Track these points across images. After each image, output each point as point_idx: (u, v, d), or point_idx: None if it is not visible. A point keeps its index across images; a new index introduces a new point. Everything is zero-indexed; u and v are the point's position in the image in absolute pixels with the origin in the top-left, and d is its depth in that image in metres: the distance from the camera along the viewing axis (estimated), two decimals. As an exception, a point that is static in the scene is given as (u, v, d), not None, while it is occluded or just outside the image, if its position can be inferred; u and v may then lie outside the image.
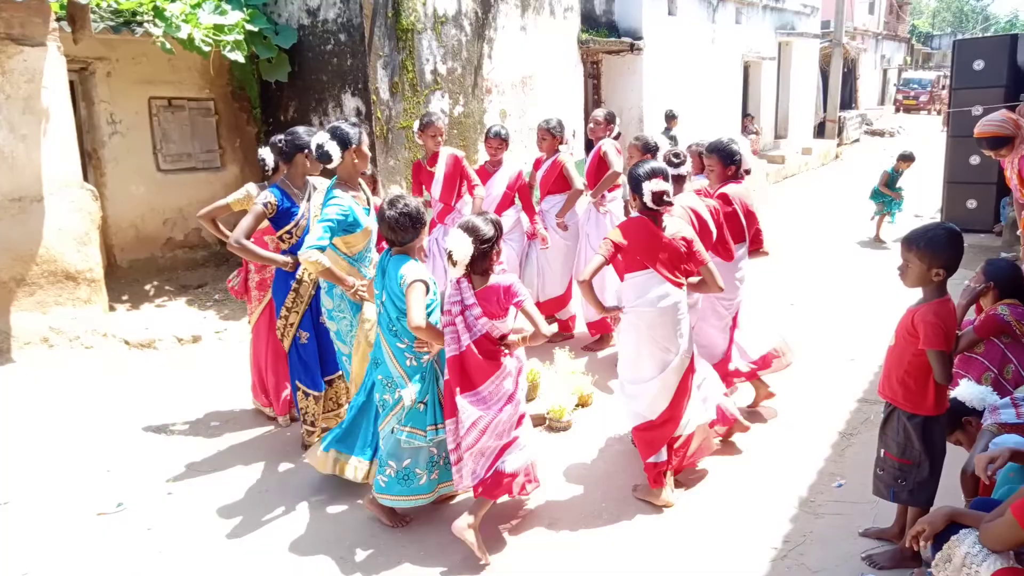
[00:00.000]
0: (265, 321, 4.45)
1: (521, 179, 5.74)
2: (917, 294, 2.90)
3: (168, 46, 6.55)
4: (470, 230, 3.08)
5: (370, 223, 3.69)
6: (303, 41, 7.61)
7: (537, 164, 5.91)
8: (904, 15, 37.44)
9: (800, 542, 3.22)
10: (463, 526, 3.12)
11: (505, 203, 5.69)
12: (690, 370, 3.57)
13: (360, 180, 3.78)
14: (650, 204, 3.36)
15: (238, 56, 7.00)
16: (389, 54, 7.46)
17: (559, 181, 5.76)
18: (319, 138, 3.52)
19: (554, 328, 5.88)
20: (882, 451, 3.00)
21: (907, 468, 2.89)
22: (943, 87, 28.54)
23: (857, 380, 4.91)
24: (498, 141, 5.68)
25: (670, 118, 11.23)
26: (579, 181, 5.73)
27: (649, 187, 3.35)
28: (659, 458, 3.52)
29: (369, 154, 3.74)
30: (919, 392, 2.84)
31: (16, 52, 5.38)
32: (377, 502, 3.42)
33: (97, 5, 6.15)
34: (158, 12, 6.52)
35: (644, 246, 3.41)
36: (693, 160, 4.83)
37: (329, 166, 3.55)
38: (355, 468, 3.62)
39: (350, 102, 7.49)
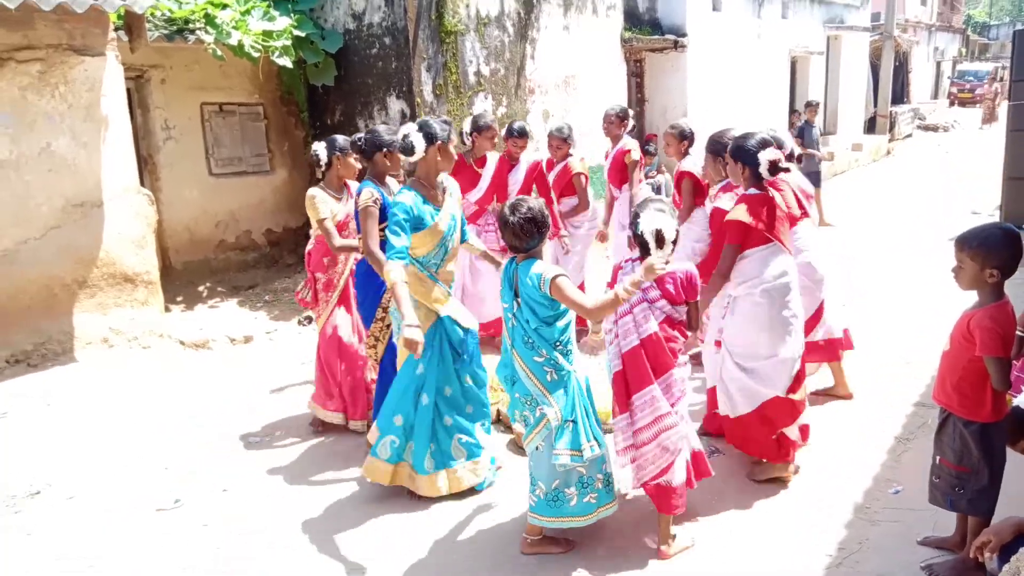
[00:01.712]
0: (335, 322, 4.39)
1: (539, 168, 5.78)
2: (973, 296, 2.81)
3: (219, 53, 6.72)
4: (665, 212, 3.01)
5: (441, 224, 3.55)
6: (348, 45, 7.72)
7: (549, 166, 5.92)
8: (959, 5, 36.22)
9: (856, 550, 3.14)
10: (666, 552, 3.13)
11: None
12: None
13: (444, 180, 3.67)
14: (766, 174, 3.45)
15: (286, 61, 7.14)
16: (433, 56, 7.52)
17: (569, 186, 5.85)
18: (405, 129, 3.49)
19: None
20: (938, 458, 2.91)
21: (965, 476, 2.80)
22: (1000, 79, 27.52)
23: (913, 383, 4.78)
24: (523, 140, 5.76)
25: (808, 107, 11.01)
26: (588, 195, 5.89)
27: (765, 156, 3.43)
28: (792, 432, 3.55)
29: (455, 156, 3.66)
30: (975, 399, 2.75)
31: (77, 62, 5.58)
32: (534, 542, 3.21)
33: (152, 14, 6.34)
34: (209, 20, 6.70)
35: (767, 220, 3.44)
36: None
37: (411, 159, 3.50)
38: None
39: (395, 104, 7.58)
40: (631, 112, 6.16)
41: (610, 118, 6.03)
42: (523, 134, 5.75)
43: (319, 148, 4.41)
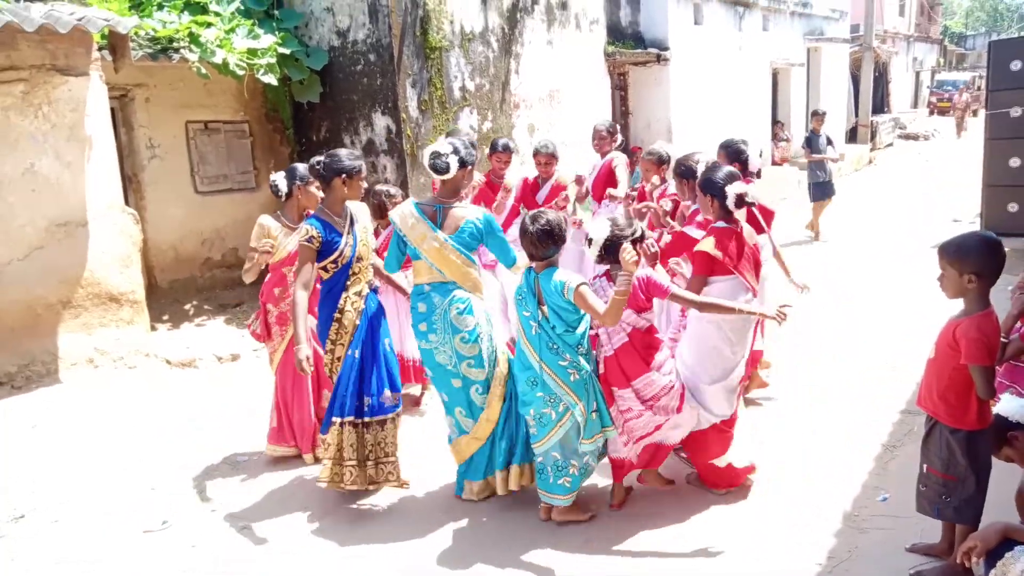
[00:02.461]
0: (289, 358, 4.17)
1: (527, 185, 5.85)
2: (957, 303, 2.85)
3: (204, 71, 6.72)
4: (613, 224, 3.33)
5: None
6: (334, 62, 7.75)
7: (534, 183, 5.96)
8: (936, 16, 36.85)
9: (845, 558, 3.16)
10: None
11: (512, 215, 5.79)
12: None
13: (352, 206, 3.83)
14: (733, 207, 3.56)
15: (271, 79, 7.16)
16: (418, 72, 7.56)
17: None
18: (440, 148, 3.56)
19: None
20: (925, 467, 2.93)
21: (952, 484, 2.82)
22: (978, 88, 27.97)
23: (899, 389, 4.82)
24: (507, 155, 5.80)
25: (815, 115, 10.77)
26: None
27: (732, 191, 3.54)
28: (722, 462, 3.65)
29: (471, 176, 3.86)
30: (961, 407, 2.78)
31: (61, 82, 5.57)
32: (563, 511, 3.51)
33: (136, 34, 6.34)
34: (194, 38, 6.71)
35: (733, 254, 3.54)
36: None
37: (441, 178, 3.62)
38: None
39: (380, 121, 7.60)
40: (618, 127, 6.22)
41: (600, 133, 6.07)
42: (507, 149, 5.79)
43: (278, 178, 4.31)
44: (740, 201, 3.55)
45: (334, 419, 3.71)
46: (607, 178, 6.01)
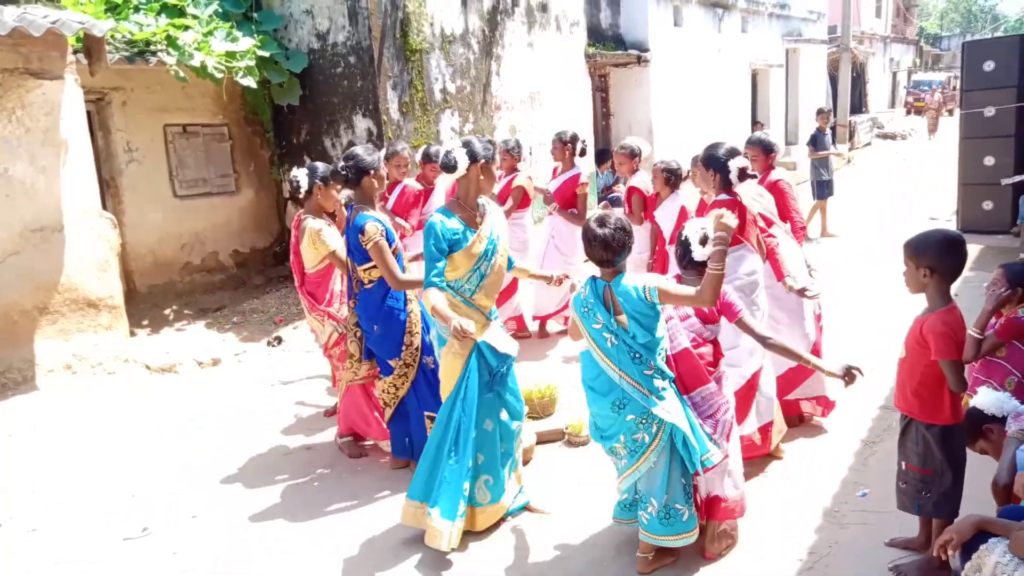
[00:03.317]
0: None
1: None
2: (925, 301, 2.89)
3: (182, 74, 6.67)
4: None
5: (478, 246, 3.39)
6: (313, 65, 7.72)
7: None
8: (912, 17, 37.34)
9: (826, 553, 3.19)
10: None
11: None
12: None
13: (486, 202, 3.53)
14: (735, 180, 3.73)
15: (250, 82, 7.11)
16: (398, 74, 7.54)
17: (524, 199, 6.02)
18: (448, 145, 3.46)
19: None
20: (903, 464, 2.98)
21: (929, 479, 2.87)
22: (953, 88, 28.37)
23: (877, 387, 4.87)
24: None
25: (819, 114, 10.81)
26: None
27: (735, 164, 3.71)
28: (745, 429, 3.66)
29: (496, 176, 3.74)
30: (934, 402, 2.83)
31: (35, 86, 5.49)
32: (653, 559, 3.16)
33: (112, 36, 6.27)
34: (171, 41, 6.65)
35: (739, 224, 3.52)
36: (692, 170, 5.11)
37: (452, 176, 3.39)
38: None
39: (361, 123, 7.58)
40: (580, 137, 6.20)
41: (555, 144, 6.16)
42: (434, 158, 5.60)
43: (299, 175, 4.22)
44: (743, 174, 3.77)
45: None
46: (571, 193, 6.12)
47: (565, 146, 6.12)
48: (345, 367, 4.18)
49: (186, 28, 6.86)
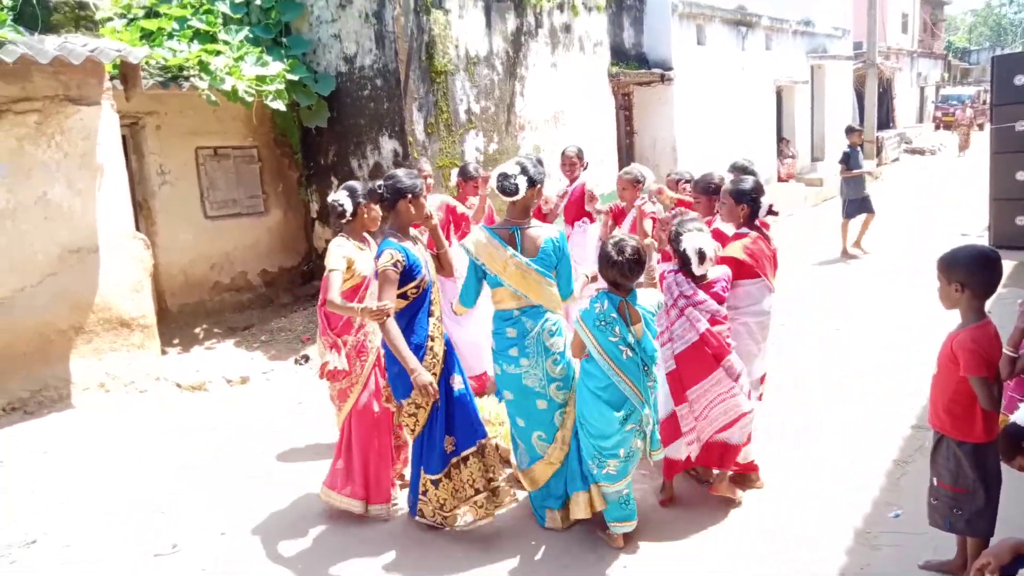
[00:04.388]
0: (370, 390, 3.86)
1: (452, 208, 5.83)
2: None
3: (213, 98, 6.84)
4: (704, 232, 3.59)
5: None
6: (341, 88, 7.86)
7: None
8: (939, 32, 37.02)
9: (857, 575, 3.13)
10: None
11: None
12: None
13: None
14: (765, 216, 3.92)
15: (279, 105, 7.26)
16: (424, 96, 7.65)
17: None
18: (508, 169, 3.45)
19: None
20: (934, 480, 2.92)
21: (962, 497, 2.81)
22: (983, 102, 27.98)
23: (910, 406, 4.79)
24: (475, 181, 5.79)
25: (852, 131, 10.49)
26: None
27: (765, 201, 3.87)
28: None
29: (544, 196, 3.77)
30: (966, 419, 2.78)
31: (73, 112, 5.67)
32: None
33: (147, 63, 6.46)
34: (203, 66, 6.83)
35: (760, 257, 3.80)
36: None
37: (511, 199, 3.48)
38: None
39: (387, 144, 7.69)
40: (644, 175, 6.11)
41: (570, 159, 6.11)
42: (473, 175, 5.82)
43: (342, 198, 3.88)
44: (770, 210, 3.93)
45: (463, 453, 3.59)
46: (579, 202, 6.07)
47: (581, 162, 6.13)
48: (341, 406, 3.92)
49: (218, 53, 7.04)
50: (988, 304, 2.87)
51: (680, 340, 3.54)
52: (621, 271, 3.21)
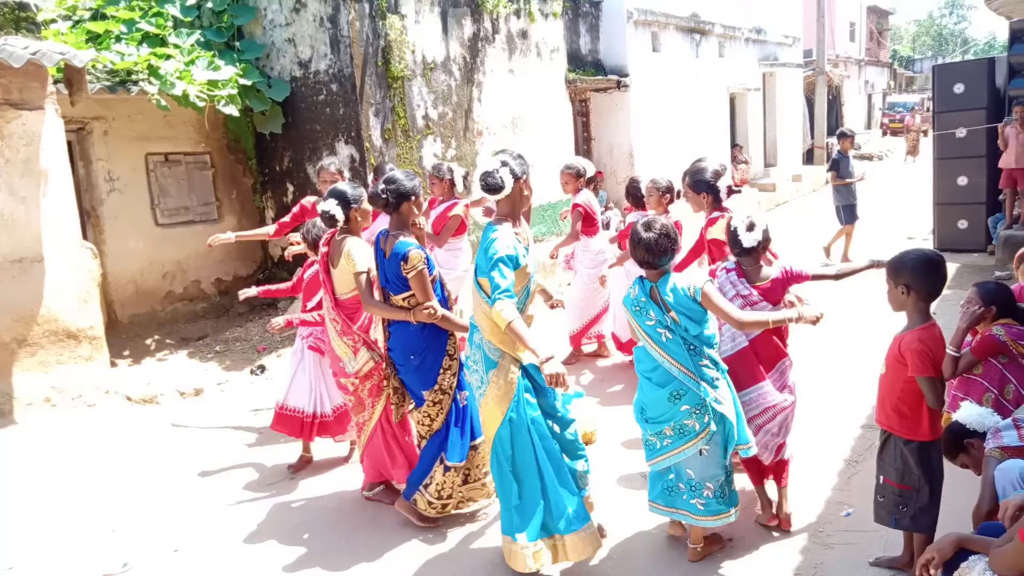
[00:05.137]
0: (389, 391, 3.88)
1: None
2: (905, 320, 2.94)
3: (163, 103, 6.68)
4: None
5: (530, 264, 3.34)
6: (296, 92, 7.76)
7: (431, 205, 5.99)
8: (884, 41, 38.22)
9: (812, 573, 3.20)
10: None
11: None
12: None
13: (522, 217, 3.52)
14: (725, 197, 4.26)
15: (232, 110, 7.13)
16: (380, 101, 7.60)
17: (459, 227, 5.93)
18: (490, 165, 3.32)
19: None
20: (881, 478, 3.01)
21: (907, 494, 2.90)
22: (927, 109, 28.96)
23: (859, 407, 4.91)
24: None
25: (843, 137, 10.04)
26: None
27: (723, 184, 4.18)
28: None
29: (532, 192, 3.50)
30: (913, 418, 2.87)
31: (15, 117, 5.48)
32: (703, 548, 3.33)
33: (93, 66, 6.28)
34: (153, 71, 6.67)
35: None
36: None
37: (497, 197, 3.32)
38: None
39: (344, 150, 7.61)
40: (585, 168, 6.10)
41: (565, 175, 6.07)
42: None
43: (331, 207, 3.72)
44: (730, 191, 4.22)
45: (474, 442, 3.74)
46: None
47: (579, 179, 6.00)
48: (375, 403, 3.93)
49: (168, 57, 6.88)
50: (933, 306, 2.97)
51: (730, 343, 3.46)
52: (646, 248, 3.12)
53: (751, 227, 3.42)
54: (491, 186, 3.28)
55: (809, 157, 19.78)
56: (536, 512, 3.22)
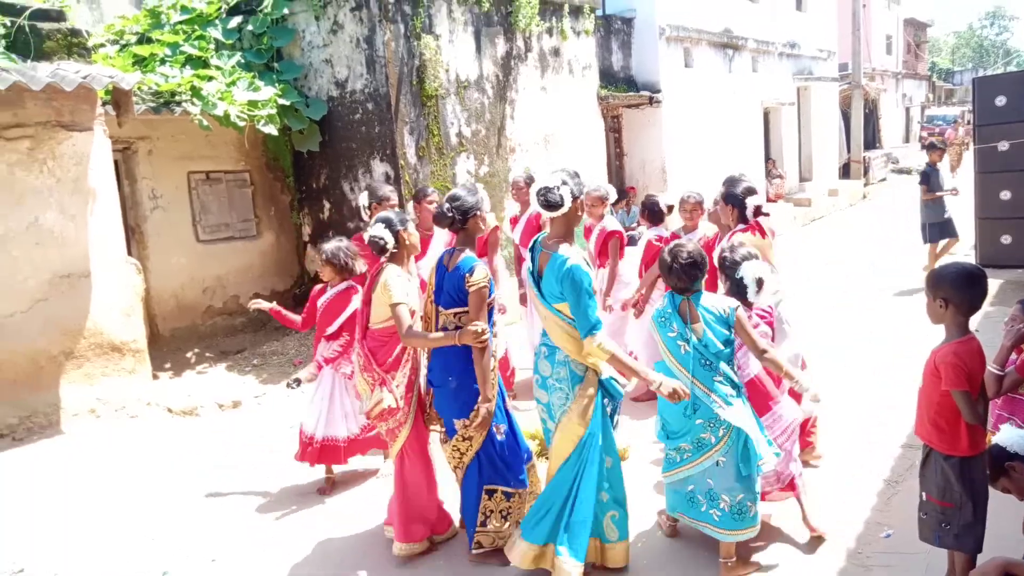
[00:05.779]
0: (418, 431, 3.70)
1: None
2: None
3: (205, 123, 6.88)
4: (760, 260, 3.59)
5: (595, 283, 3.39)
6: (332, 112, 7.92)
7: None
8: (922, 53, 37.64)
9: (850, 596, 3.14)
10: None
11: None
12: None
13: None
14: (750, 216, 4.29)
15: (271, 129, 7.31)
16: (415, 120, 7.72)
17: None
18: (550, 181, 3.26)
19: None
20: (924, 495, 2.95)
21: (949, 511, 2.83)
22: (967, 122, 28.38)
23: (899, 425, 4.82)
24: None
25: (933, 149, 9.52)
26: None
27: (751, 202, 4.26)
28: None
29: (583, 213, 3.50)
30: (952, 433, 2.81)
31: (66, 138, 5.70)
32: (734, 565, 3.35)
33: (139, 88, 6.50)
34: (195, 92, 6.88)
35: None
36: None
37: (553, 214, 3.26)
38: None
39: (379, 167, 7.74)
40: (609, 192, 5.94)
41: (518, 185, 5.97)
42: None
43: (380, 232, 3.62)
44: (757, 211, 4.27)
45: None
46: (536, 229, 5.73)
47: (603, 202, 5.87)
48: (390, 446, 3.79)
49: (210, 79, 7.09)
50: (975, 322, 2.91)
51: (744, 371, 3.52)
52: (677, 276, 3.29)
53: (760, 287, 3.51)
54: (551, 203, 3.23)
55: (845, 171, 19.50)
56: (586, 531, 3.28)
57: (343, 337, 4.45)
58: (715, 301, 3.35)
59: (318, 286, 4.69)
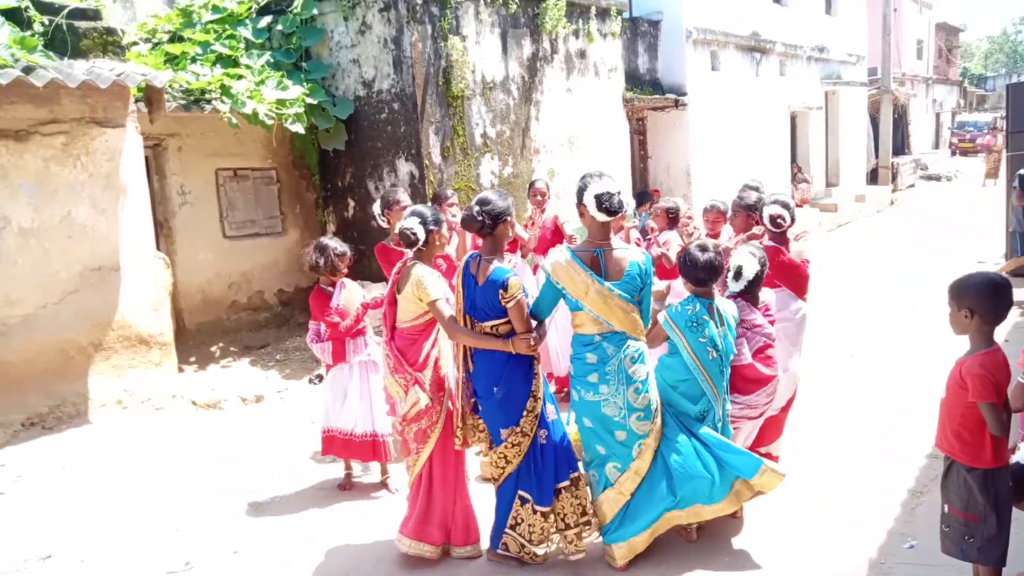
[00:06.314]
0: (448, 432, 3.64)
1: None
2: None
3: (234, 121, 6.97)
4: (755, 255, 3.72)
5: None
6: (359, 111, 7.99)
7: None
8: (954, 58, 37.05)
9: (871, 606, 3.11)
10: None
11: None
12: None
13: None
14: (770, 227, 4.23)
15: (299, 128, 7.39)
16: (440, 120, 7.76)
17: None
18: (611, 187, 3.29)
19: None
20: (946, 507, 2.90)
21: (973, 524, 2.79)
22: (1000, 129, 27.89)
23: (923, 435, 4.73)
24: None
25: None
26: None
27: (768, 212, 4.20)
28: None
29: None
30: (976, 445, 2.77)
31: (99, 134, 5.80)
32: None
33: (170, 86, 6.61)
34: (225, 90, 6.98)
35: (775, 268, 4.07)
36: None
37: (607, 219, 3.35)
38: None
39: (404, 167, 7.79)
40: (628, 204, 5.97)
41: (540, 191, 6.07)
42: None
43: (414, 225, 3.55)
44: (774, 222, 4.20)
45: (557, 486, 3.48)
46: (554, 234, 5.96)
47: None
48: (420, 449, 3.63)
49: (239, 77, 7.19)
50: (1005, 332, 2.87)
51: (739, 357, 3.70)
52: (704, 270, 3.43)
53: (738, 275, 3.66)
54: (613, 208, 3.30)
55: (873, 177, 19.25)
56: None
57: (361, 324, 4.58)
58: (725, 305, 3.59)
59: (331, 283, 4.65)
